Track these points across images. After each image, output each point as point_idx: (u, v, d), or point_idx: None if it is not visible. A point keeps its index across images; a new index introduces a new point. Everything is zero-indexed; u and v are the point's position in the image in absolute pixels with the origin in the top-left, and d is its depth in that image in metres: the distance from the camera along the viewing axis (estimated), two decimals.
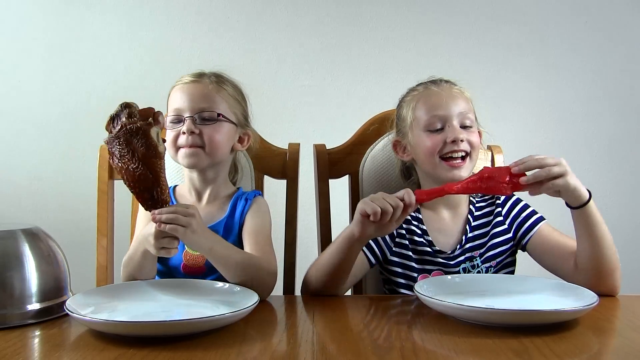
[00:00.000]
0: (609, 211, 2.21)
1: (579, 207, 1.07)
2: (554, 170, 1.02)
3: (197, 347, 0.82)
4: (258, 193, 1.30)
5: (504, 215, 1.28)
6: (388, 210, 1.01)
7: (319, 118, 2.15)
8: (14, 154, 2.09)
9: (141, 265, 1.11)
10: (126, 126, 0.98)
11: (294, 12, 2.16)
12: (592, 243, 1.09)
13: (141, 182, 0.99)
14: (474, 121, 1.25)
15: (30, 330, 0.92)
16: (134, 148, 0.98)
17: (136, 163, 0.98)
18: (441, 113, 1.23)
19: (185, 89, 1.22)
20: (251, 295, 0.99)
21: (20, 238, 0.97)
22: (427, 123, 1.24)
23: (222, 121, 1.21)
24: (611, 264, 1.10)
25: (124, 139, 0.98)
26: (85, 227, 1.63)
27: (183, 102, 1.20)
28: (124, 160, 0.99)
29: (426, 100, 1.26)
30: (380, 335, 0.90)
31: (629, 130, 2.24)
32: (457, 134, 1.20)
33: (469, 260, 1.26)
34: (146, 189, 1.00)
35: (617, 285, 1.12)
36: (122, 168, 1.00)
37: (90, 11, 2.11)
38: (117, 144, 0.99)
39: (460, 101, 1.24)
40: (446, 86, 1.28)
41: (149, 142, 0.98)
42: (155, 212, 1.01)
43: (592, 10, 2.22)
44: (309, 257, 1.43)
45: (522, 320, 0.91)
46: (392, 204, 1.02)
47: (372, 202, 1.03)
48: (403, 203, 1.03)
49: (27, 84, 2.10)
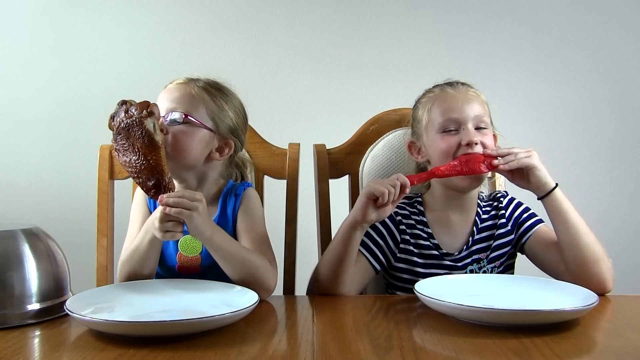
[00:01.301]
0: (609, 211, 2.25)
1: (547, 195, 1.16)
2: (521, 154, 1.17)
3: (197, 347, 0.82)
4: (247, 184, 1.28)
5: (507, 217, 1.30)
6: (390, 191, 1.11)
7: (319, 118, 2.15)
8: (14, 154, 2.09)
9: (147, 255, 1.11)
10: (124, 121, 1.04)
11: (294, 12, 2.16)
12: (567, 230, 1.15)
13: (143, 171, 1.05)
14: (489, 124, 1.26)
15: (30, 330, 0.92)
16: (133, 141, 1.04)
17: (137, 154, 1.04)
18: (456, 116, 1.23)
19: (167, 90, 1.20)
20: (251, 295, 0.99)
21: (20, 238, 0.97)
22: (441, 125, 1.24)
23: (192, 124, 1.15)
24: (592, 252, 1.13)
25: (124, 134, 1.04)
26: (85, 227, 1.63)
27: (161, 102, 1.17)
28: (127, 154, 1.05)
29: (441, 102, 1.26)
30: (380, 335, 0.90)
31: (629, 130, 2.24)
32: (471, 137, 1.21)
33: (476, 262, 1.26)
34: (149, 178, 1.05)
35: (605, 277, 1.13)
36: (126, 162, 1.06)
37: (90, 11, 2.11)
38: (119, 139, 1.06)
39: (476, 104, 1.25)
40: (462, 89, 1.28)
41: (145, 132, 1.03)
42: (163, 196, 1.03)
43: (592, 10, 2.22)
44: (309, 257, 1.43)
45: (522, 320, 0.91)
46: (391, 185, 1.12)
47: (376, 185, 1.12)
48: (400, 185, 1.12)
49: (27, 84, 2.10)
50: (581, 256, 1.13)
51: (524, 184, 1.19)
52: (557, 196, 1.16)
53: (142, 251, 1.11)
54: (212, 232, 1.07)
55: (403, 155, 1.45)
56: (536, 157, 1.18)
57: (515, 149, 1.18)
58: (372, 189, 1.12)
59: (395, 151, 1.46)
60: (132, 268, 1.13)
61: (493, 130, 1.28)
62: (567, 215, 1.15)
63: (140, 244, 1.12)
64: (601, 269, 1.13)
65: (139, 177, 1.06)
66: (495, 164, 1.17)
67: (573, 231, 1.14)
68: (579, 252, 1.13)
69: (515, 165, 1.16)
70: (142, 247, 1.11)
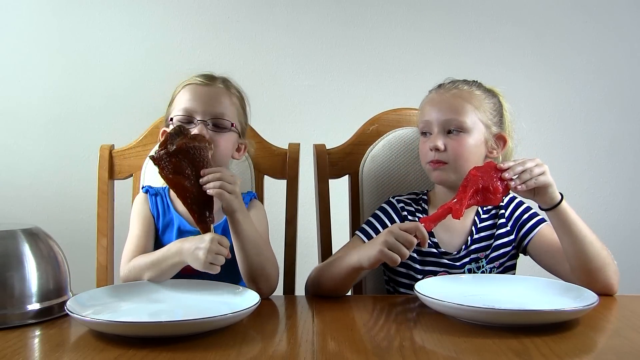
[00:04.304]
0: (609, 211, 2.25)
1: (553, 208, 1.11)
2: (536, 171, 1.08)
3: (197, 347, 0.82)
4: (253, 195, 1.31)
5: (507, 217, 1.29)
6: (405, 256, 1.03)
7: (319, 118, 2.15)
8: (14, 154, 2.09)
9: (166, 275, 1.10)
10: (188, 144, 1.06)
11: (294, 11, 2.16)
12: (572, 241, 1.11)
13: (195, 194, 1.07)
14: (467, 128, 1.22)
15: (30, 330, 0.92)
16: (195, 164, 1.07)
17: (189, 179, 1.07)
18: (426, 119, 1.26)
19: (198, 91, 1.21)
20: (252, 295, 0.99)
21: (20, 238, 0.97)
22: (419, 128, 1.29)
23: (232, 131, 1.22)
24: (598, 260, 1.11)
25: (183, 155, 1.06)
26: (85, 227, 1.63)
27: (195, 103, 1.19)
28: (181, 174, 1.06)
29: (423, 105, 1.30)
30: (381, 335, 0.90)
31: (629, 131, 2.24)
32: (434, 141, 1.22)
33: (474, 262, 1.26)
34: (198, 202, 1.07)
35: (611, 282, 1.12)
36: (173, 180, 1.07)
37: (90, 11, 2.11)
38: (173, 159, 1.06)
39: (451, 107, 1.23)
40: (444, 91, 1.27)
41: (207, 161, 1.08)
42: (202, 180, 1.06)
43: (592, 10, 2.22)
44: (309, 257, 1.43)
45: (522, 320, 0.91)
46: (409, 244, 1.03)
47: (394, 247, 1.02)
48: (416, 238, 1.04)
49: (27, 84, 2.09)
50: (588, 265, 1.11)
51: (529, 196, 1.13)
52: (563, 209, 1.11)
53: (162, 269, 1.09)
54: (242, 214, 1.10)
55: (403, 155, 1.45)
56: (548, 171, 1.10)
57: (526, 162, 1.09)
58: (388, 256, 1.02)
59: (395, 151, 1.46)
60: (150, 277, 1.10)
61: (498, 132, 1.26)
62: (573, 227, 1.11)
63: (162, 261, 1.09)
64: (607, 274, 1.12)
65: (187, 199, 1.07)
66: (513, 186, 1.08)
67: (579, 242, 1.10)
68: (586, 262, 1.11)
69: (532, 185, 1.08)
70: (163, 267, 1.09)
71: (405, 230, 1.03)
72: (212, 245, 1.03)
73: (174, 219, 1.23)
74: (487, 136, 1.25)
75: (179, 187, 1.06)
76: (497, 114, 1.28)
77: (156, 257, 1.10)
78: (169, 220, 1.24)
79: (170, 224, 1.24)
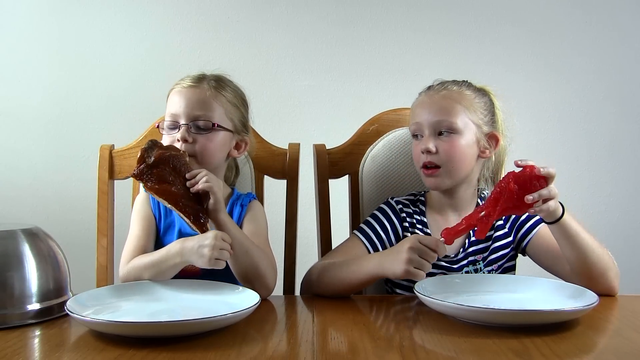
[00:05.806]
0: (609, 211, 2.25)
1: (555, 222, 1.09)
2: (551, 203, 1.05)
3: (197, 347, 0.82)
4: (252, 197, 1.30)
5: (504, 219, 1.28)
6: (428, 269, 1.05)
7: (319, 118, 2.14)
8: (14, 154, 2.09)
9: (166, 276, 1.10)
10: (164, 154, 1.10)
11: (294, 11, 2.16)
12: (574, 252, 1.10)
13: (185, 197, 1.09)
14: (458, 129, 1.21)
15: (30, 330, 0.92)
16: (177, 171, 1.10)
17: (176, 185, 1.10)
18: (417, 121, 1.26)
19: (183, 94, 1.21)
20: (252, 295, 0.99)
21: (20, 238, 0.97)
22: (411, 131, 1.29)
23: (217, 130, 1.21)
24: (600, 267, 1.10)
25: (164, 165, 1.10)
26: (85, 227, 1.63)
27: (180, 107, 1.20)
28: (166, 182, 1.09)
29: (413, 108, 1.30)
30: (380, 335, 0.90)
31: (629, 130, 2.24)
32: (425, 144, 1.22)
33: (472, 264, 1.25)
34: (190, 204, 1.09)
35: (612, 285, 1.12)
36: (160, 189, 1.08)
37: (90, 12, 2.11)
38: (155, 170, 1.09)
39: (441, 108, 1.22)
40: (433, 92, 1.26)
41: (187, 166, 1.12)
42: (189, 182, 1.10)
43: (592, 10, 2.22)
44: (309, 257, 1.43)
45: (522, 320, 0.91)
46: (431, 259, 1.05)
47: (419, 264, 1.04)
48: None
49: (27, 84, 2.10)
50: (589, 271, 1.11)
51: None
52: (565, 222, 1.08)
53: (162, 270, 1.09)
54: (225, 215, 1.12)
55: (403, 155, 1.45)
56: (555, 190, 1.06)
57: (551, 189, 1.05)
58: (413, 274, 1.04)
59: (395, 151, 1.46)
60: (150, 277, 1.10)
61: (490, 131, 1.25)
62: (575, 237, 1.09)
63: (163, 261, 1.09)
64: (608, 277, 1.12)
65: (177, 203, 1.08)
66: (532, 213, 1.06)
67: (581, 252, 1.10)
68: (587, 268, 1.10)
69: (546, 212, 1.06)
70: (164, 267, 1.09)
71: (426, 245, 1.04)
72: (216, 241, 1.03)
73: (175, 221, 1.23)
74: (479, 136, 1.24)
75: (167, 194, 1.07)
76: (489, 113, 1.27)
77: (156, 257, 1.10)
78: (170, 222, 1.24)
79: (171, 225, 1.23)
